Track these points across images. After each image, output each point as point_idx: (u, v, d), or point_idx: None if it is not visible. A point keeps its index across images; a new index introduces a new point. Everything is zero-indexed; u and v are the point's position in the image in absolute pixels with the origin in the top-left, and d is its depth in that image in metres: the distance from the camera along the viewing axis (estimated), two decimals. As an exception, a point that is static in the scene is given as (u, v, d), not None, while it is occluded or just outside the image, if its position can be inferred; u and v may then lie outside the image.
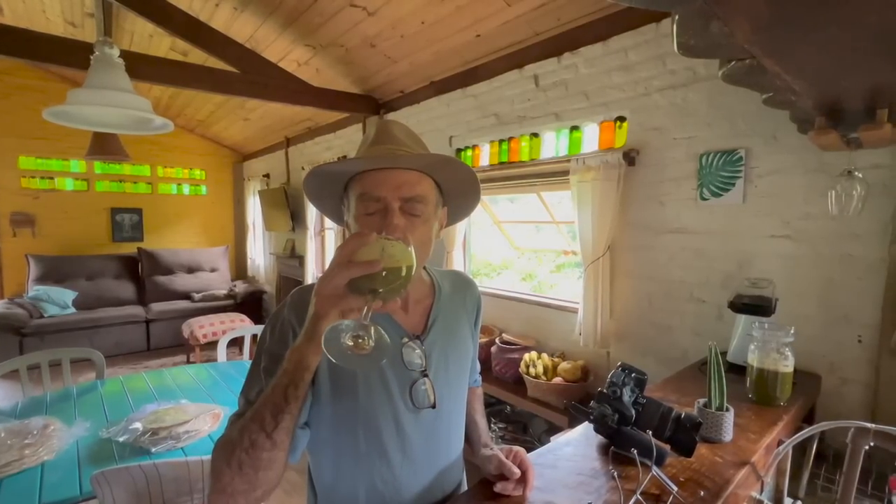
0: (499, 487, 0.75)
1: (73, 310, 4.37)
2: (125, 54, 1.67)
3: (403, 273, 0.54)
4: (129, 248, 5.23)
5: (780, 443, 1.03)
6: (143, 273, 5.03)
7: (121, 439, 1.47)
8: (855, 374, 1.44)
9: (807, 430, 0.87)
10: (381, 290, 0.53)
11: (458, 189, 0.77)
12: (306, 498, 0.82)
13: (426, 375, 0.73)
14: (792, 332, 1.18)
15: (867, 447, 0.77)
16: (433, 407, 0.74)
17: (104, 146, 3.16)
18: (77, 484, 1.26)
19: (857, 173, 1.29)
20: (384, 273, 0.52)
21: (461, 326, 0.84)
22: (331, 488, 0.74)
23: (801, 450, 1.13)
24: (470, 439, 0.90)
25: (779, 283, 1.48)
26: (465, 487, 0.88)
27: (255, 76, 3.02)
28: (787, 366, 1.18)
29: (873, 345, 1.39)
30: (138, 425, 1.52)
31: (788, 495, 1.08)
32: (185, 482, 1.20)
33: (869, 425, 0.77)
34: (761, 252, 1.63)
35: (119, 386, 1.97)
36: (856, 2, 0.54)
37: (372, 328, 0.51)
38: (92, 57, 1.58)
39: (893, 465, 0.86)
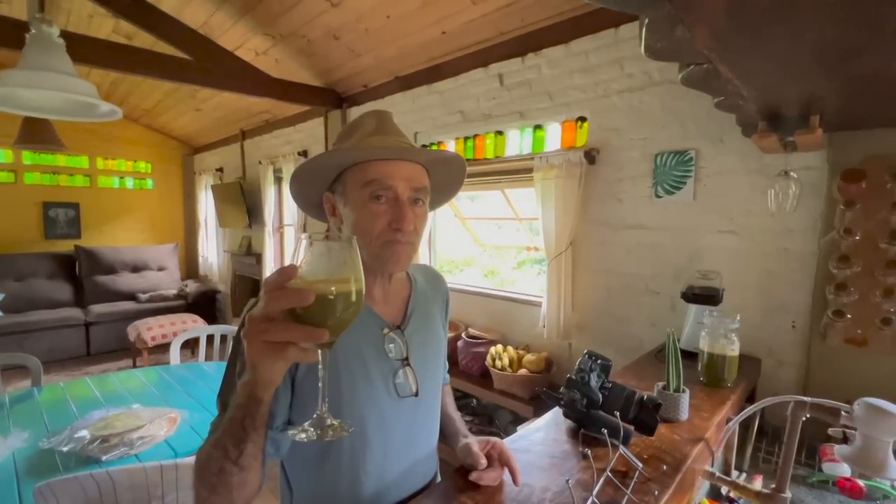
0: (473, 476, 0.76)
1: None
2: (61, 34, 1.54)
3: (354, 298, 0.45)
4: (65, 246, 4.82)
5: (728, 420, 1.11)
6: (81, 273, 4.66)
7: (65, 449, 1.36)
8: (789, 357, 1.59)
9: (752, 406, 0.95)
10: (331, 323, 0.44)
11: (440, 186, 0.80)
12: (280, 497, 0.81)
13: (408, 364, 0.74)
14: (738, 319, 1.28)
15: (804, 418, 0.86)
16: (416, 395, 0.75)
17: (35, 134, 2.90)
18: (16, 499, 1.16)
19: (792, 174, 1.42)
20: (332, 297, 0.43)
21: (435, 317, 0.86)
22: (312, 484, 0.73)
23: (744, 426, 1.24)
24: (446, 433, 0.91)
25: (725, 275, 1.61)
26: (438, 478, 0.89)
27: (208, 64, 2.87)
28: (734, 350, 1.28)
29: (805, 329, 1.54)
30: (85, 433, 1.42)
31: (735, 468, 1.18)
32: (143, 489, 1.13)
33: (806, 399, 0.85)
34: (709, 246, 1.75)
35: (60, 393, 1.82)
36: (800, 18, 0.60)
37: (329, 421, 0.46)
38: (28, 35, 1.44)
39: (825, 434, 0.96)
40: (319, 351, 0.46)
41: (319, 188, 0.75)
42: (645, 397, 0.96)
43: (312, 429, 0.45)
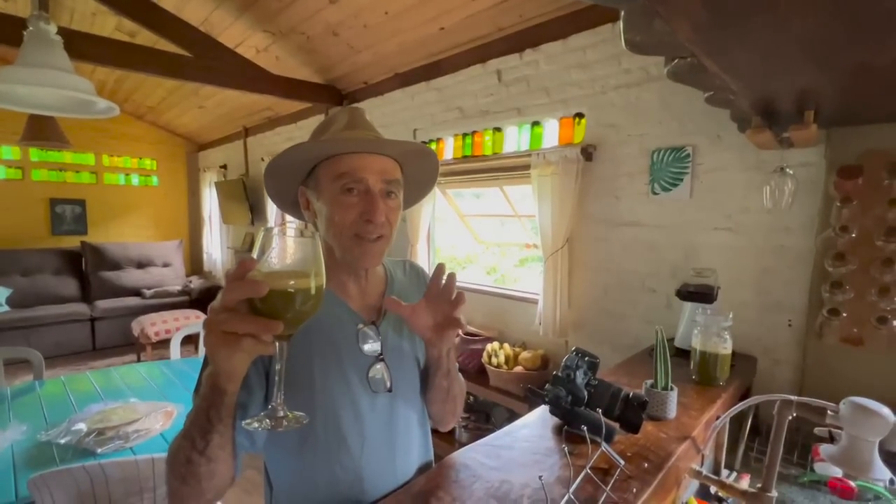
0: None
1: (6, 308, 4.05)
2: (64, 32, 1.55)
3: (313, 292, 0.45)
4: (72, 242, 4.88)
5: (717, 418, 1.10)
6: (87, 268, 4.72)
7: (62, 441, 1.39)
8: (785, 356, 1.57)
9: (740, 404, 0.94)
10: (288, 316, 0.44)
11: (415, 182, 0.80)
12: (263, 493, 0.81)
13: (382, 360, 0.74)
14: (730, 317, 1.27)
15: (791, 417, 0.85)
16: (389, 391, 0.75)
17: (41, 131, 2.94)
18: (12, 489, 1.18)
19: (788, 170, 1.40)
20: (292, 290, 0.44)
21: None
22: (289, 480, 0.74)
23: (737, 426, 1.23)
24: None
25: (720, 273, 1.59)
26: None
27: (209, 61, 2.89)
28: (726, 348, 1.27)
29: (801, 328, 1.52)
30: (82, 426, 1.44)
31: (725, 467, 1.17)
32: (135, 482, 1.15)
33: (792, 398, 0.84)
34: (706, 243, 1.73)
35: (60, 386, 1.85)
36: (781, 9, 0.59)
37: (282, 412, 0.46)
38: (25, 32, 1.46)
39: (814, 433, 0.95)
40: (277, 343, 0.46)
41: (294, 184, 0.75)
42: (630, 395, 0.96)
43: (267, 420, 0.46)
